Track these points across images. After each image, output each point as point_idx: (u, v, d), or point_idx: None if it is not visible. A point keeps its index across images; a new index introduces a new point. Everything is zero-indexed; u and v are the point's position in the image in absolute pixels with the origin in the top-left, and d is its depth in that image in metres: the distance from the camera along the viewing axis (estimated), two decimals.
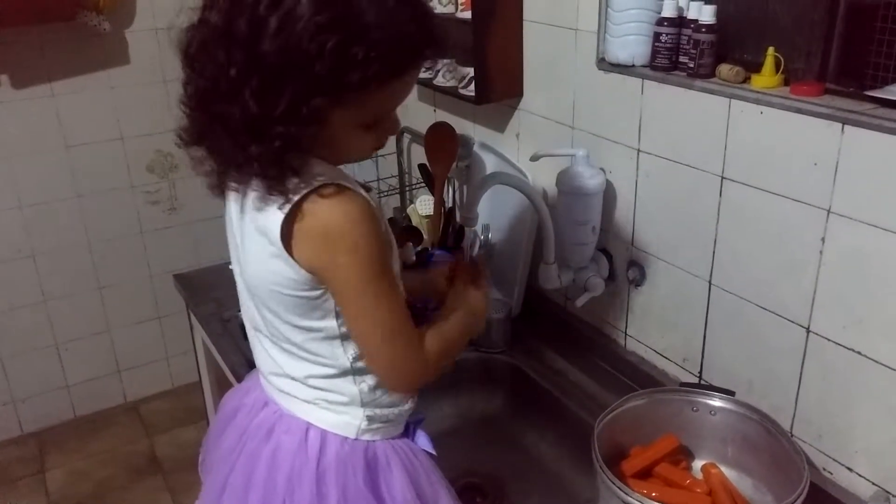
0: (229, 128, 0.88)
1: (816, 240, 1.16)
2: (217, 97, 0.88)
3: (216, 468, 1.17)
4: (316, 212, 0.91)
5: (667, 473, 1.25)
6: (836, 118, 1.09)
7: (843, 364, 1.17)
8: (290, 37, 0.82)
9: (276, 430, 1.08)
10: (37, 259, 2.64)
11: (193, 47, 0.90)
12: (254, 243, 0.98)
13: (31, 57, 2.43)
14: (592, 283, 1.55)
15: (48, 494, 2.54)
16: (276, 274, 0.96)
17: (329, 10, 0.83)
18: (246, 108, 0.85)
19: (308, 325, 1.01)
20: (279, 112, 0.85)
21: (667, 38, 1.32)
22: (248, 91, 0.85)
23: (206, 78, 0.89)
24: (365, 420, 1.06)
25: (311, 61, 0.83)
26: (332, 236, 0.92)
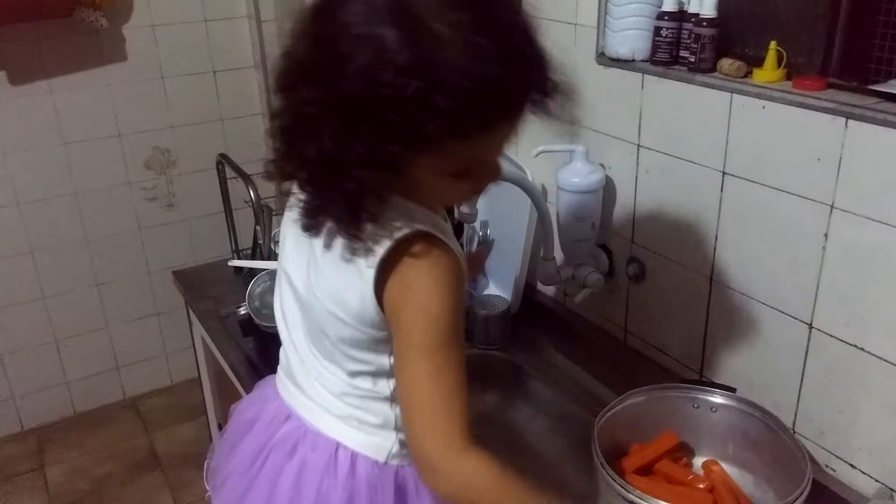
0: (307, 167, 0.84)
1: (819, 235, 1.15)
2: (298, 134, 0.83)
3: (231, 481, 1.11)
4: (404, 271, 0.87)
5: (668, 470, 1.25)
6: (839, 113, 1.08)
7: (845, 360, 1.16)
8: (370, 78, 0.75)
9: (300, 447, 1.03)
10: (35, 256, 2.64)
11: (281, 79, 0.85)
12: (337, 265, 0.92)
13: (28, 53, 2.42)
14: (592, 280, 1.55)
15: (48, 490, 2.54)
16: (352, 307, 0.92)
17: (413, 52, 0.74)
18: (323, 148, 0.80)
19: (363, 358, 0.97)
20: (356, 156, 0.78)
21: (667, 33, 1.31)
22: (326, 131, 0.79)
23: (289, 113, 0.85)
24: (397, 444, 1.02)
25: (386, 106, 0.75)
26: (414, 292, 0.87)
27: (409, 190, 0.87)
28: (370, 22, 0.76)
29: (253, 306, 1.67)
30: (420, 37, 0.75)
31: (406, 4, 0.76)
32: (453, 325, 0.89)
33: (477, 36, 0.76)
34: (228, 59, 2.75)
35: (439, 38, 0.75)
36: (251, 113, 2.85)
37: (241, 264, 1.90)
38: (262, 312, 1.66)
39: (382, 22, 0.75)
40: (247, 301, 1.67)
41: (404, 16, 0.75)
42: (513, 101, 0.81)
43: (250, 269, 1.81)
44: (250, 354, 1.61)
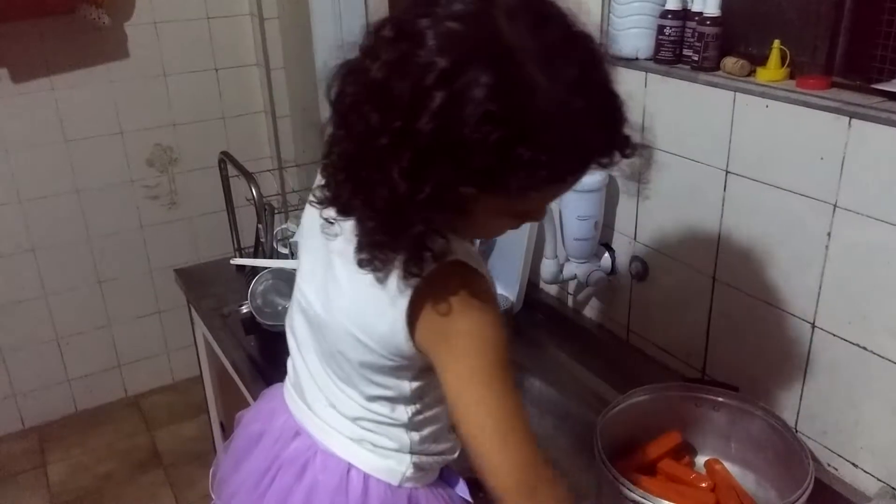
0: (370, 201, 0.78)
1: (822, 235, 1.15)
2: (362, 165, 0.77)
3: (238, 499, 1.09)
4: (444, 299, 0.83)
5: (670, 469, 1.25)
6: (842, 112, 1.08)
7: (848, 360, 1.16)
8: (453, 119, 0.70)
9: (310, 468, 1.01)
10: (37, 253, 2.64)
11: (345, 99, 0.78)
12: (364, 289, 0.88)
13: (30, 51, 2.42)
14: (594, 279, 1.55)
15: (49, 488, 2.54)
16: (380, 335, 0.88)
17: (503, 100, 0.70)
18: (393, 185, 0.74)
19: (384, 383, 0.94)
20: (426, 196, 0.74)
21: (671, 31, 1.31)
22: (396, 167, 0.73)
23: (353, 139, 0.78)
24: (411, 468, 0.99)
25: (467, 150, 0.71)
26: (464, 319, 0.84)
27: (459, 224, 0.83)
28: (465, 60, 0.71)
29: (255, 304, 1.67)
30: (516, 85, 0.71)
31: (506, 47, 0.72)
32: (505, 347, 0.86)
33: (573, 93, 0.73)
34: (231, 56, 2.75)
35: (534, 90, 0.72)
36: (253, 111, 2.85)
37: (244, 262, 1.90)
38: (264, 311, 1.66)
39: (478, 62, 0.71)
40: (249, 299, 1.67)
41: (502, 59, 0.71)
42: (593, 159, 0.80)
43: (252, 268, 1.81)
44: (252, 353, 1.61)
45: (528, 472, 0.85)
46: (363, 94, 0.76)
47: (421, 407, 0.98)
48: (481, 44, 0.72)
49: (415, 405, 0.97)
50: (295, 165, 2.70)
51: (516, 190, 0.75)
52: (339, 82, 0.80)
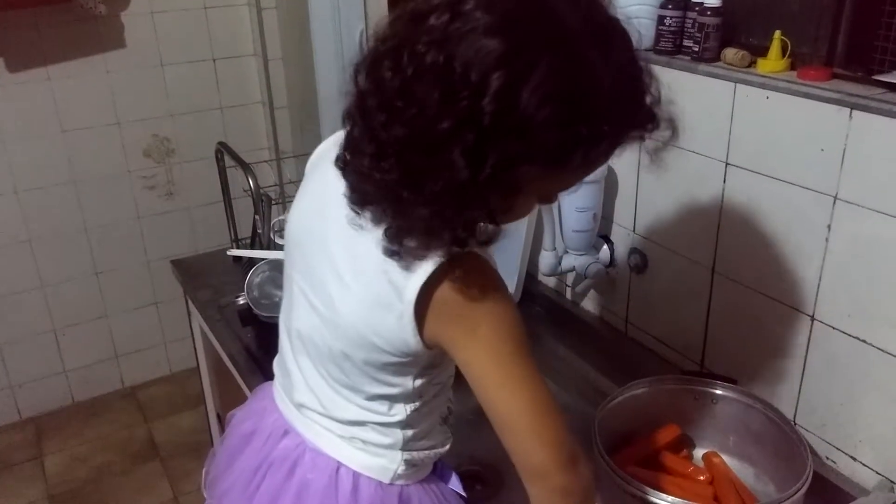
0: (422, 187, 0.76)
1: (822, 227, 1.14)
2: (415, 149, 0.75)
3: (229, 498, 1.08)
4: (457, 287, 0.82)
5: (668, 462, 1.24)
6: (843, 103, 1.07)
7: (847, 352, 1.16)
8: (517, 99, 0.71)
9: (299, 467, 1.00)
10: (33, 244, 2.63)
11: (391, 83, 0.76)
12: (373, 285, 0.86)
13: (26, 40, 2.41)
14: (593, 271, 1.54)
15: (46, 479, 2.54)
16: (387, 332, 0.87)
17: (563, 79, 0.72)
18: (450, 166, 0.73)
19: (386, 380, 0.93)
20: (482, 177, 0.73)
21: (671, 22, 1.30)
22: (458, 148, 0.72)
23: (404, 123, 0.75)
24: (402, 465, 0.99)
25: (533, 131, 0.72)
26: (470, 313, 0.84)
27: (500, 208, 0.82)
28: (524, 41, 0.72)
29: (252, 296, 1.66)
30: (573, 64, 0.73)
31: (561, 27, 0.74)
32: (524, 329, 0.87)
33: (623, 69, 0.77)
34: (228, 46, 2.74)
35: (592, 68, 0.74)
36: (251, 101, 2.84)
37: (240, 254, 1.90)
38: (260, 302, 1.66)
39: (537, 42, 0.73)
40: (245, 291, 1.66)
41: (559, 39, 0.73)
42: (640, 130, 0.82)
43: (249, 259, 1.80)
44: (249, 344, 1.61)
45: (565, 448, 0.86)
46: (418, 77, 0.74)
47: (420, 404, 0.97)
48: (539, 25, 0.74)
49: (414, 403, 0.96)
50: (292, 156, 2.69)
51: (579, 163, 0.77)
52: (376, 64, 0.78)
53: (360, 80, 0.80)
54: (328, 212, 0.91)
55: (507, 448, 0.88)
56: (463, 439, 1.51)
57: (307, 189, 1.00)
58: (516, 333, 0.86)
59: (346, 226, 0.87)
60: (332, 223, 0.91)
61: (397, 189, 0.78)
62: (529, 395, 0.86)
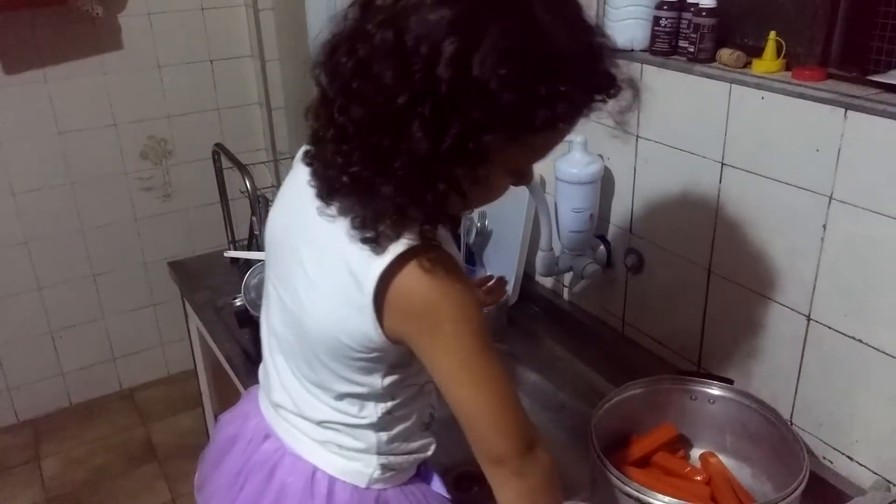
0: (385, 166, 0.76)
1: (818, 227, 1.14)
2: (375, 128, 0.76)
3: (214, 500, 1.10)
4: (418, 279, 0.82)
5: (665, 462, 1.24)
6: (838, 103, 1.07)
7: (843, 352, 1.16)
8: (471, 64, 0.72)
9: (278, 470, 1.00)
10: (30, 246, 2.63)
11: (346, 66, 0.77)
12: (334, 276, 0.86)
13: (23, 42, 2.41)
14: (590, 271, 1.54)
15: (43, 482, 2.53)
16: (349, 325, 0.86)
17: (517, 40, 0.73)
18: (411, 141, 0.74)
19: (353, 379, 0.92)
20: (444, 148, 0.74)
21: (666, 23, 1.31)
22: (416, 121, 0.73)
23: (361, 104, 0.76)
24: (378, 469, 0.99)
25: (492, 95, 0.72)
26: (437, 305, 0.83)
27: (471, 188, 0.81)
28: (472, 10, 0.73)
29: (249, 297, 1.66)
30: (525, 24, 0.74)
31: None
32: (485, 323, 0.87)
33: (576, 29, 0.78)
34: (225, 48, 2.74)
35: (543, 27, 0.75)
36: (248, 103, 2.84)
37: (237, 255, 1.89)
38: (257, 304, 1.65)
39: (487, 10, 0.73)
40: (242, 292, 1.66)
41: (509, 5, 0.74)
42: (599, 90, 0.81)
43: (246, 260, 1.80)
44: (246, 346, 1.61)
45: (525, 437, 0.89)
46: (371, 56, 0.75)
47: (392, 406, 0.96)
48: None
49: (385, 403, 0.95)
50: (289, 157, 2.68)
51: (541, 125, 0.76)
52: (332, 54, 0.79)
53: (318, 74, 0.81)
54: (300, 210, 0.92)
55: (469, 439, 0.89)
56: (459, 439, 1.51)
57: (283, 191, 1.02)
58: (478, 329, 0.85)
59: (313, 221, 0.88)
60: (301, 221, 0.92)
61: (361, 171, 0.78)
62: (492, 390, 0.87)
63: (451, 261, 0.85)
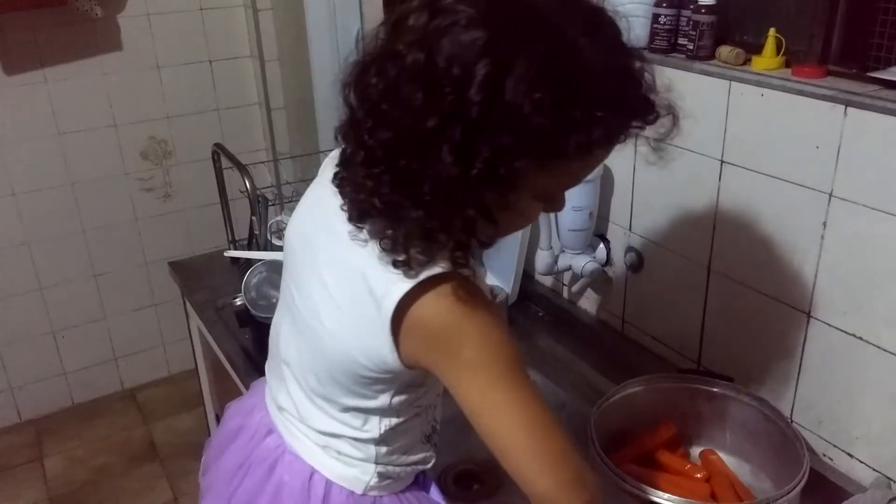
0: (415, 190, 0.74)
1: (818, 224, 1.14)
2: (404, 151, 0.74)
3: (214, 491, 1.10)
4: (437, 304, 0.79)
5: (665, 460, 1.24)
6: (838, 100, 1.07)
7: (843, 350, 1.16)
8: (504, 88, 0.70)
9: (278, 467, 1.00)
10: (31, 247, 2.63)
11: (376, 88, 0.75)
12: (356, 297, 0.84)
13: (22, 43, 2.40)
14: (589, 269, 1.54)
15: (46, 481, 2.53)
16: (367, 345, 0.84)
17: (551, 63, 0.71)
18: (440, 165, 0.72)
19: (363, 393, 0.91)
20: (474, 173, 0.72)
21: (666, 20, 1.30)
22: (446, 145, 0.71)
23: (390, 127, 0.74)
24: (375, 476, 0.98)
25: (525, 119, 0.70)
26: (452, 335, 0.80)
27: (500, 214, 0.79)
28: (506, 33, 0.71)
29: (249, 297, 1.66)
30: (560, 47, 0.73)
31: (546, 17, 0.73)
32: (514, 345, 0.83)
33: (612, 52, 0.76)
34: (225, 48, 2.74)
35: (579, 51, 0.73)
36: (248, 103, 2.84)
37: (238, 255, 1.89)
38: (258, 303, 1.66)
39: (521, 32, 0.72)
40: (243, 292, 1.66)
41: (544, 27, 0.73)
42: (636, 116, 0.79)
43: (246, 260, 1.80)
44: (246, 345, 1.61)
45: (569, 470, 0.82)
46: (401, 78, 0.73)
47: (396, 423, 0.95)
48: (522, 12, 0.73)
49: (389, 419, 0.94)
50: (289, 157, 2.69)
51: (575, 151, 0.74)
52: (362, 75, 0.77)
53: (348, 95, 0.79)
54: (322, 221, 0.91)
55: (512, 476, 0.83)
56: (460, 438, 1.51)
57: (308, 195, 0.99)
58: (504, 354, 0.81)
59: (340, 240, 0.86)
60: (323, 233, 0.90)
61: (391, 195, 0.77)
62: (521, 417, 0.81)
63: (472, 286, 0.82)
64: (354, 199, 0.82)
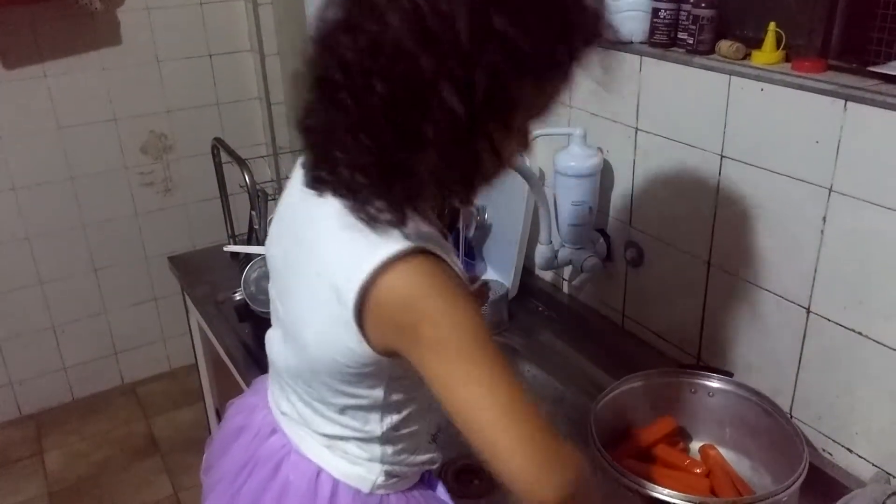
0: (423, 139, 0.74)
1: (817, 219, 1.14)
2: (404, 101, 0.74)
3: (218, 489, 1.09)
4: (397, 282, 0.78)
5: (665, 455, 1.24)
6: (838, 95, 1.07)
7: (843, 345, 1.16)
8: (490, 13, 0.72)
9: (283, 466, 1.00)
10: (31, 241, 2.63)
11: (360, 45, 0.75)
12: (320, 293, 0.84)
13: (22, 37, 2.40)
14: (590, 264, 1.54)
15: (46, 476, 2.54)
16: (339, 342, 0.84)
17: None
18: (444, 105, 0.72)
19: (354, 392, 0.90)
20: (478, 102, 0.73)
21: (665, 14, 1.30)
22: (447, 83, 0.72)
23: (385, 78, 0.74)
24: (382, 475, 0.98)
25: (513, 38, 0.72)
26: (414, 309, 0.78)
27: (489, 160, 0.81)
28: None
29: (248, 291, 1.66)
30: None
31: None
32: (483, 324, 0.80)
33: None
34: (225, 42, 2.73)
35: None
36: (248, 97, 2.84)
37: (237, 249, 1.89)
38: (257, 298, 1.66)
39: None
40: (242, 286, 1.66)
41: None
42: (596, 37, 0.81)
43: (246, 255, 1.80)
44: (246, 340, 1.61)
45: (543, 450, 0.78)
46: (386, 29, 0.73)
47: (397, 421, 0.94)
48: None
49: (390, 417, 0.93)
50: (289, 151, 2.69)
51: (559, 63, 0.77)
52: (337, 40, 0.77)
53: (322, 69, 0.79)
54: (292, 232, 0.92)
55: (487, 458, 0.79)
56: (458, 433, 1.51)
57: (280, 210, 1.01)
58: (469, 329, 0.78)
59: (304, 246, 0.88)
60: (294, 245, 0.91)
61: (395, 153, 0.76)
62: (492, 392, 0.77)
63: (436, 264, 0.80)
64: (347, 177, 0.80)
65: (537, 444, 0.77)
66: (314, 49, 0.80)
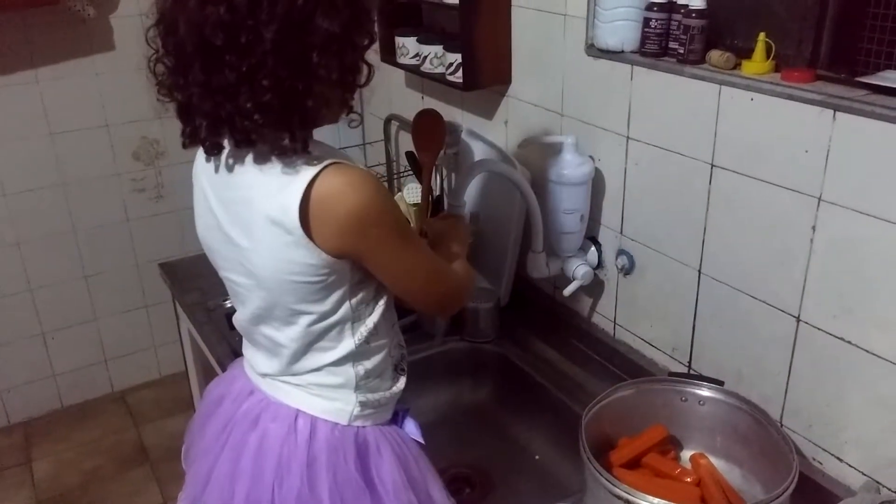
0: (307, 64, 0.89)
1: (807, 228, 1.15)
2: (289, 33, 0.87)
3: (199, 459, 1.15)
4: (332, 194, 0.91)
5: (655, 464, 1.24)
6: (827, 105, 1.07)
7: (833, 353, 1.16)
8: None
9: (262, 419, 1.07)
10: (22, 247, 2.62)
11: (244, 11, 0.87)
12: (265, 234, 0.95)
13: (14, 43, 2.40)
14: (581, 272, 1.54)
15: (35, 484, 2.52)
16: (294, 263, 0.95)
17: None
18: (318, 28, 0.88)
19: (321, 311, 1.00)
20: (345, 20, 0.89)
21: (657, 24, 1.31)
22: (319, 11, 0.87)
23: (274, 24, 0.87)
24: (358, 406, 1.06)
25: None
26: (357, 214, 0.92)
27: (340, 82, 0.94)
28: None
29: None
30: None
31: None
32: (398, 212, 0.99)
33: None
34: None
35: None
36: None
37: None
38: None
39: None
40: None
41: None
42: None
43: None
44: (236, 347, 1.60)
45: (452, 300, 1.15)
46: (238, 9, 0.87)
47: (367, 334, 1.04)
48: None
49: (360, 329, 1.03)
50: None
51: None
52: (195, 12, 0.91)
53: (184, 46, 0.97)
54: (213, 203, 1.03)
55: (411, 301, 1.09)
56: (452, 442, 1.51)
57: (196, 198, 1.13)
58: (397, 218, 0.98)
59: (227, 202, 1.00)
60: (218, 210, 1.02)
61: (292, 83, 0.89)
62: (424, 266, 1.05)
63: (351, 171, 0.93)
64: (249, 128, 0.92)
65: (448, 298, 1.13)
66: (164, 38, 1.00)
